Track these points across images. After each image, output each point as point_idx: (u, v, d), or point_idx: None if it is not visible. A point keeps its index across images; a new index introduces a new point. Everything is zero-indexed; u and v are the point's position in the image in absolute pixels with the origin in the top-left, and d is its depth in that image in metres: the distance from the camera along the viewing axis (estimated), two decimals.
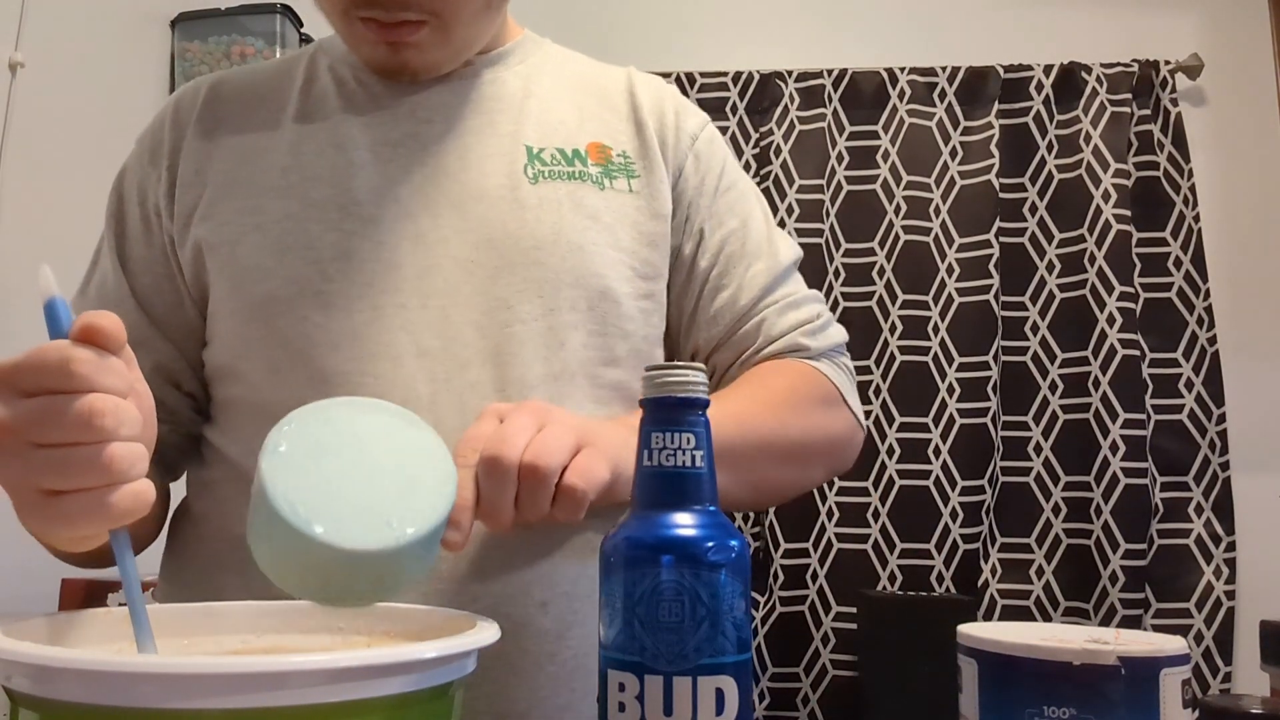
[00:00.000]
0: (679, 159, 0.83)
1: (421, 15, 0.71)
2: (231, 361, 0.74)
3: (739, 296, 0.82)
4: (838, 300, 2.02)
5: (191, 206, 0.76)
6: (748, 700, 0.45)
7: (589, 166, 0.78)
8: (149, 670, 0.38)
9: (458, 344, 0.71)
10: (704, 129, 0.86)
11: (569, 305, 0.73)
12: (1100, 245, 1.92)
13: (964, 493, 1.90)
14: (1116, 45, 2.06)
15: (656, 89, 0.86)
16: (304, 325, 0.71)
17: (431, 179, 0.75)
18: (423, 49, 0.74)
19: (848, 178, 2.06)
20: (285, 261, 0.72)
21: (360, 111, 0.78)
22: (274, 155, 0.76)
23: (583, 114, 0.82)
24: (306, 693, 0.38)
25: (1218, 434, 1.92)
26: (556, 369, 0.72)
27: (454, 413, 0.69)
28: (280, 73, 0.82)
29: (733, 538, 0.47)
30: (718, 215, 0.83)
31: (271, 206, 0.74)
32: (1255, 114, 2.06)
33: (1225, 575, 1.86)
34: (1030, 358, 1.98)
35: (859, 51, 2.13)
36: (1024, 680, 0.45)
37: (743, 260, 0.83)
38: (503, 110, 0.79)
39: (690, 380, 0.48)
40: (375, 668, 0.40)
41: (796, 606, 1.93)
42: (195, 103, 0.80)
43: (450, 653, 0.43)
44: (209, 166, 0.77)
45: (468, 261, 0.73)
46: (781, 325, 0.82)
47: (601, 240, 0.76)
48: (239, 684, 0.38)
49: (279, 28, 2.03)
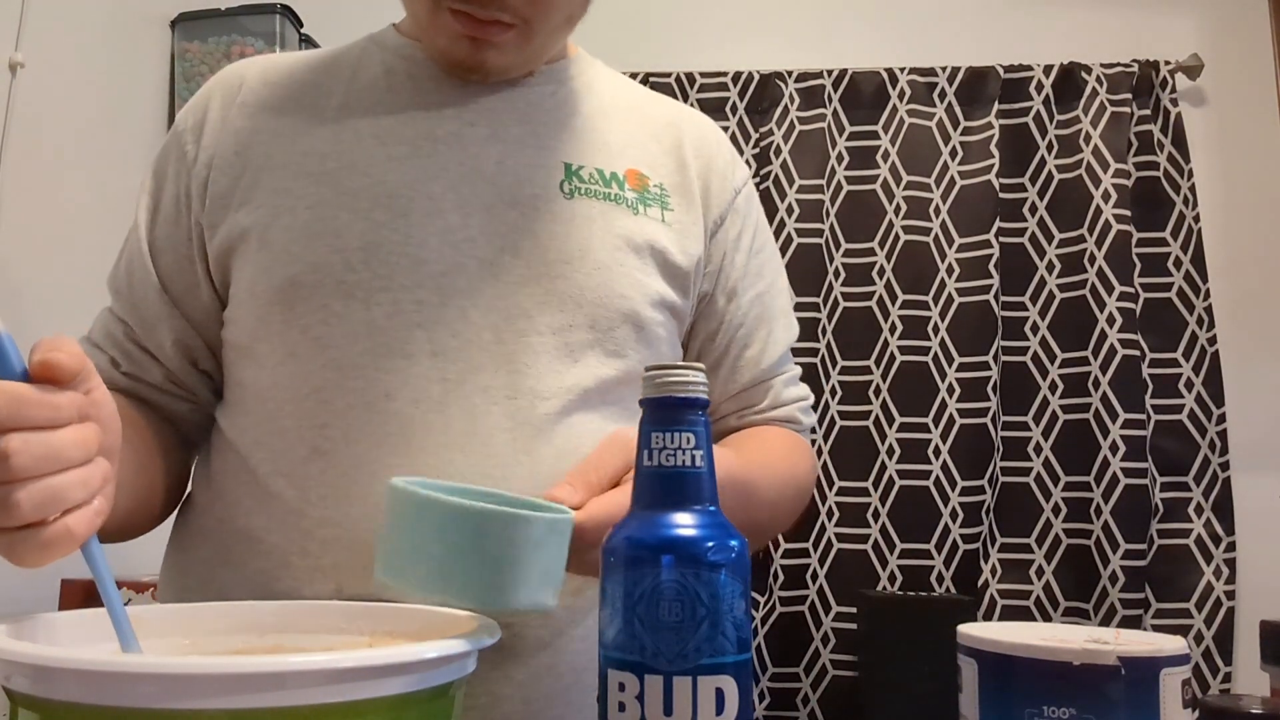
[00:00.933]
0: (721, 208, 0.84)
1: (513, 19, 0.72)
2: (249, 343, 0.74)
3: (762, 359, 0.86)
4: (838, 300, 2.02)
5: (229, 190, 0.75)
6: (748, 700, 0.45)
7: (625, 191, 0.79)
8: (148, 670, 0.38)
9: (474, 346, 0.71)
10: (747, 184, 0.88)
11: (588, 323, 0.73)
12: (1100, 245, 1.92)
13: (964, 493, 1.90)
14: (1116, 45, 2.06)
15: (706, 131, 0.88)
16: (323, 313, 0.71)
17: (467, 179, 0.74)
18: (503, 51, 0.75)
19: (848, 178, 2.06)
20: (312, 247, 0.71)
21: (406, 106, 0.77)
22: (314, 141, 0.75)
23: (626, 139, 0.82)
24: (306, 693, 0.38)
25: (1218, 434, 1.92)
26: (569, 383, 0.72)
27: (462, 415, 0.69)
28: (330, 61, 0.81)
29: (733, 538, 0.47)
30: (752, 274, 0.86)
31: (305, 191, 0.73)
32: (1255, 114, 2.06)
33: (1225, 575, 1.86)
34: (1030, 358, 1.98)
35: (859, 51, 2.13)
36: (1024, 680, 0.45)
37: (767, 323, 0.87)
38: (547, 124, 0.79)
39: (690, 380, 0.48)
40: (375, 668, 0.40)
41: (796, 606, 1.93)
42: (240, 85, 0.80)
43: (450, 653, 0.43)
44: (250, 149, 0.76)
45: (493, 264, 0.72)
46: (786, 396, 0.88)
47: (629, 263, 0.76)
48: (239, 684, 0.37)
49: (279, 28, 2.03)
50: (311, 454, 0.69)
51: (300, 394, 0.71)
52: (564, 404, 0.72)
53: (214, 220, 0.75)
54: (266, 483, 0.70)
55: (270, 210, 0.73)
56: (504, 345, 0.71)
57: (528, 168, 0.76)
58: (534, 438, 0.70)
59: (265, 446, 0.72)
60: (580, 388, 0.73)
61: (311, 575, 0.67)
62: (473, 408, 0.69)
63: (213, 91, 0.81)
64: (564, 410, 0.71)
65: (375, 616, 0.56)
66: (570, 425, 0.72)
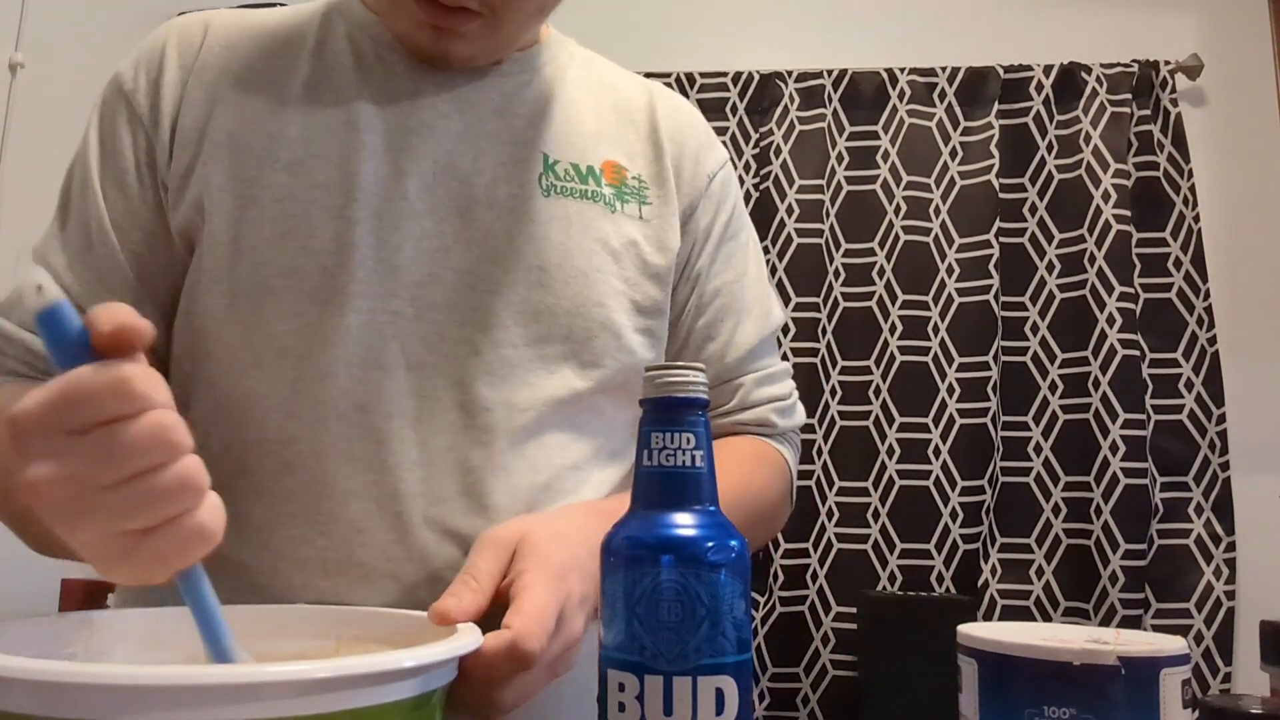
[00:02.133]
0: (693, 195, 0.81)
1: (480, 8, 0.68)
2: (206, 344, 0.70)
3: (726, 353, 0.81)
4: (838, 300, 2.02)
5: (189, 167, 0.70)
6: (748, 700, 0.45)
7: (602, 186, 0.76)
8: (101, 681, 0.34)
9: (450, 361, 0.69)
10: (722, 168, 0.84)
11: (564, 334, 0.71)
12: (1100, 245, 1.92)
13: (964, 493, 1.90)
14: (1116, 45, 2.07)
15: (680, 113, 0.84)
16: (296, 320, 0.67)
17: (441, 179, 0.71)
18: (468, 40, 0.71)
19: (848, 178, 2.06)
20: (282, 249, 0.68)
21: (377, 90, 0.73)
22: (281, 124, 0.71)
23: (602, 126, 0.79)
24: (279, 705, 0.36)
25: (1218, 434, 1.92)
26: (546, 394, 0.70)
27: (439, 432, 0.67)
28: (289, 28, 0.76)
29: (733, 538, 0.47)
30: (720, 262, 0.82)
31: (273, 181, 0.69)
32: (1255, 114, 2.06)
33: (1225, 575, 1.86)
34: (1030, 358, 1.98)
35: (859, 51, 2.13)
36: (1024, 680, 0.45)
37: (733, 314, 0.82)
38: (523, 115, 0.76)
39: (690, 380, 0.48)
40: (353, 678, 0.38)
41: (796, 606, 1.93)
42: (199, 43, 0.74)
43: (431, 661, 0.41)
44: (210, 125, 0.71)
45: (469, 274, 0.70)
46: (757, 396, 0.82)
47: (606, 268, 0.74)
48: (205, 696, 0.35)
49: None
50: (281, 469, 0.66)
51: (267, 404, 0.67)
52: (539, 416, 0.70)
53: (177, 190, 0.70)
54: (234, 500, 0.66)
55: (235, 199, 0.69)
56: (480, 358, 0.69)
57: (504, 165, 0.73)
58: (509, 451, 0.68)
59: (231, 458, 0.67)
60: (556, 399, 0.71)
61: (283, 598, 0.65)
62: (449, 424, 0.68)
63: (168, 45, 0.74)
64: (539, 422, 0.70)
65: (345, 621, 0.54)
66: (545, 437, 0.70)
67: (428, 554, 0.66)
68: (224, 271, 0.68)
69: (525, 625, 0.52)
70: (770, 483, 0.82)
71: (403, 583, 0.65)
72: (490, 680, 0.52)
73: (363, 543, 0.66)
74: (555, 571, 0.57)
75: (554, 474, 0.71)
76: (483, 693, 0.52)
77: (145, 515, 0.40)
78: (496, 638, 0.50)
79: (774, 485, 0.82)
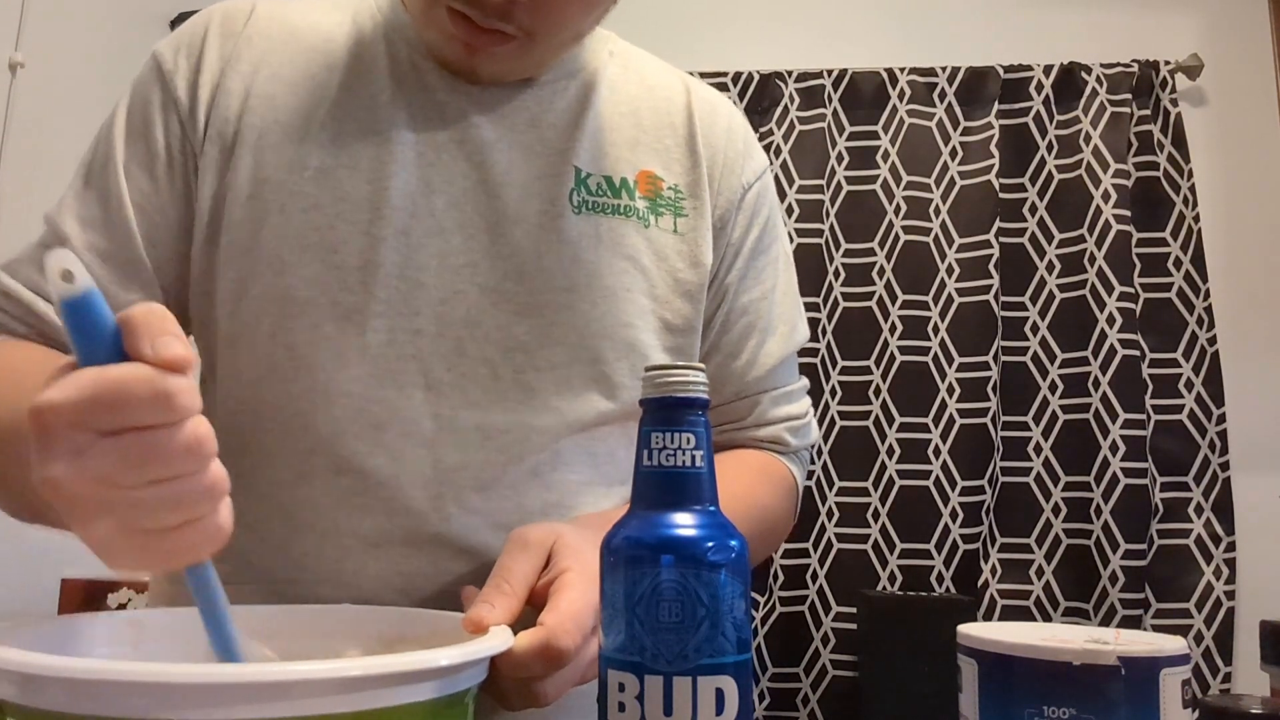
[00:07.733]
0: (726, 207, 0.78)
1: (515, 31, 0.66)
2: (224, 346, 0.69)
3: (748, 371, 0.80)
4: (838, 300, 2.02)
5: (217, 161, 0.69)
6: (748, 700, 0.45)
7: (636, 200, 0.74)
8: (141, 680, 0.35)
9: (469, 381, 0.67)
10: (759, 178, 0.81)
11: (589, 358, 0.70)
12: (1100, 245, 1.92)
13: (964, 493, 1.90)
14: (1116, 45, 2.06)
15: (719, 116, 0.81)
16: (314, 334, 0.66)
17: (470, 194, 0.70)
18: (499, 60, 0.69)
19: (848, 178, 2.06)
20: (305, 259, 0.67)
21: (409, 97, 0.71)
22: (313, 127, 0.69)
23: (639, 132, 0.77)
24: (311, 703, 0.36)
25: (1218, 434, 1.91)
26: (568, 419, 0.69)
27: (453, 451, 0.67)
28: (330, 25, 0.74)
29: (733, 538, 0.47)
30: (750, 277, 0.80)
31: (299, 189, 0.68)
32: (1255, 114, 2.06)
33: (1225, 575, 1.86)
34: (1030, 358, 1.98)
35: (859, 51, 2.13)
36: (1024, 680, 0.45)
37: (758, 332, 0.80)
38: (557, 125, 0.74)
39: (690, 380, 0.48)
40: (384, 676, 0.38)
41: (796, 606, 1.93)
42: (239, 32, 0.72)
43: (466, 660, 0.42)
44: (245, 120, 0.70)
45: (494, 292, 0.69)
46: (773, 414, 0.82)
47: (636, 286, 0.72)
48: (240, 694, 0.35)
49: None
50: (298, 479, 0.66)
51: (284, 415, 0.66)
52: (558, 440, 0.69)
53: (200, 192, 0.69)
54: (248, 508, 0.62)
55: (261, 203, 0.68)
56: (499, 381, 0.68)
57: (536, 179, 0.71)
58: (527, 476, 0.68)
59: (250, 459, 0.67)
60: (579, 424, 0.70)
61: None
62: (465, 444, 0.67)
63: (209, 30, 0.72)
64: (558, 447, 0.69)
65: (383, 620, 0.55)
66: (564, 462, 0.69)
67: (438, 570, 0.66)
68: (243, 271, 0.68)
69: (560, 622, 0.52)
70: (777, 499, 0.81)
71: (411, 598, 0.65)
72: (525, 679, 0.52)
73: (375, 557, 0.66)
74: (594, 573, 0.57)
75: (566, 490, 0.70)
76: (520, 689, 0.52)
77: (169, 518, 0.40)
78: (530, 635, 0.51)
79: (780, 502, 0.82)
